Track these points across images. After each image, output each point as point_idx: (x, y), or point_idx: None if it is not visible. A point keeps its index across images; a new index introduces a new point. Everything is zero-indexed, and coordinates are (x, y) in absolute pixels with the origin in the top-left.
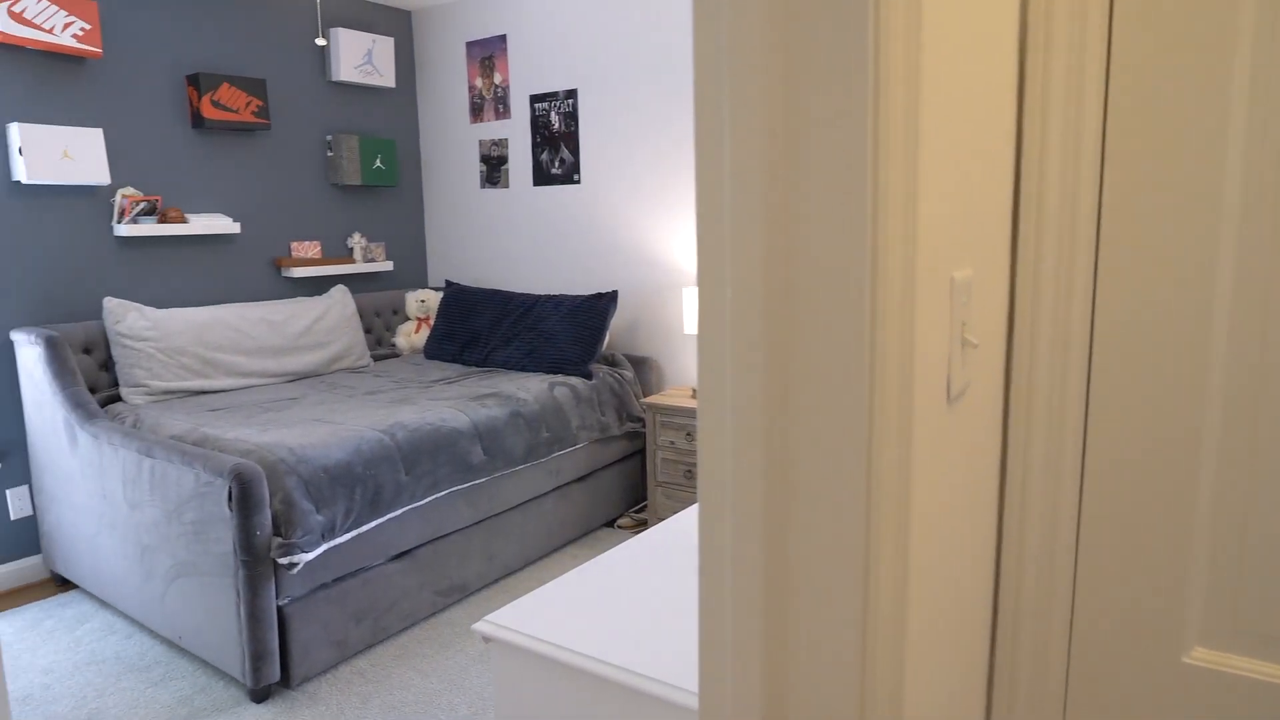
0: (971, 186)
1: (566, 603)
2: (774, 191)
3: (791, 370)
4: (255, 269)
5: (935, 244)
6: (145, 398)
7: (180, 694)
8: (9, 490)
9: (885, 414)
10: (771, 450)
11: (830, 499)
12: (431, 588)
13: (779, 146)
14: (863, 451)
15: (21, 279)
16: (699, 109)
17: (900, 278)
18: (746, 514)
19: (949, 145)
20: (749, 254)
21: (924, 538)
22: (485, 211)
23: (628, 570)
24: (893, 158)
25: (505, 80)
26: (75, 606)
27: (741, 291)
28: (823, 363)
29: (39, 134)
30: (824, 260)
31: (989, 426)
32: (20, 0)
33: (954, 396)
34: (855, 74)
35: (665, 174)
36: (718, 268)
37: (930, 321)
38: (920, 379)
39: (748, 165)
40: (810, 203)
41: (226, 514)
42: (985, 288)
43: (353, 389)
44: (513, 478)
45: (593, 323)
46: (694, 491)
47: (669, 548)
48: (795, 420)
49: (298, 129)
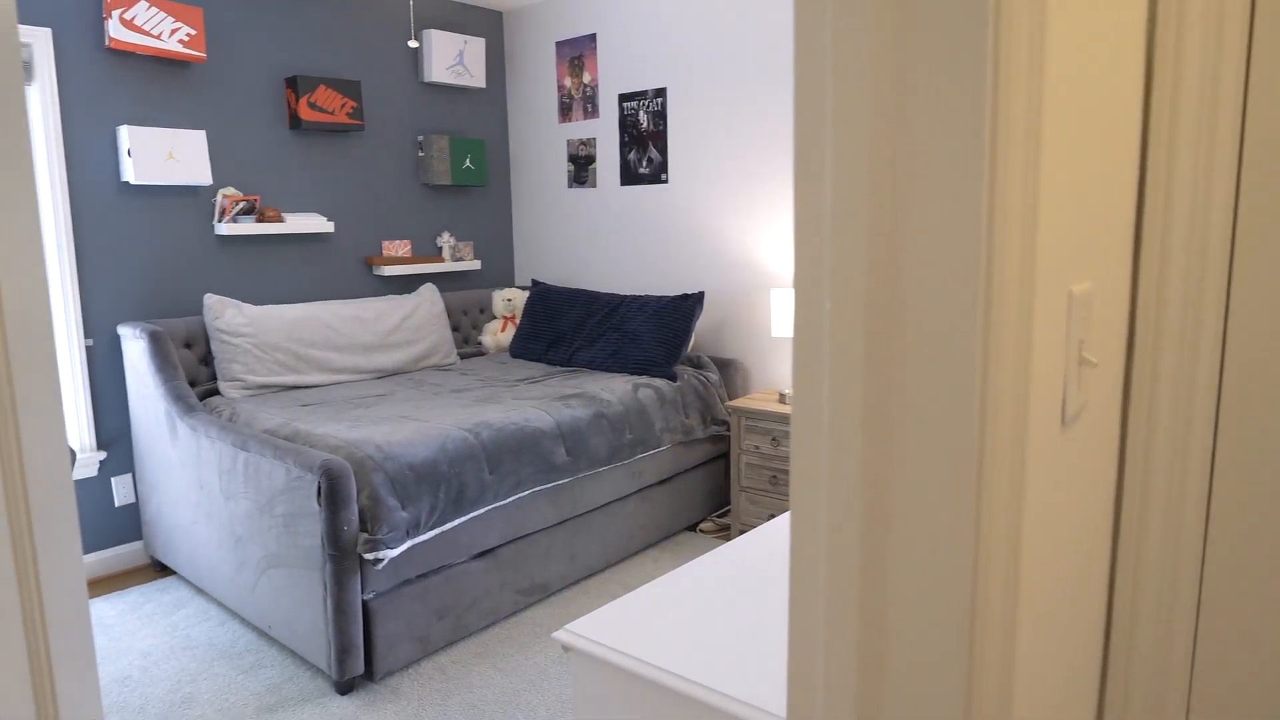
0: (1091, 191)
1: (649, 613)
2: (879, 196)
3: (893, 390)
4: (347, 267)
5: (1053, 254)
6: (241, 392)
7: (269, 682)
8: (114, 478)
9: (997, 439)
10: (869, 476)
11: (933, 533)
12: (513, 587)
13: (885, 148)
14: (971, 481)
15: (129, 275)
16: (799, 107)
17: (1017, 291)
18: (841, 545)
19: (1070, 146)
20: (850, 263)
21: (1034, 575)
22: (572, 211)
23: (713, 580)
24: (1012, 160)
25: (594, 79)
26: (173, 592)
27: (841, 304)
28: (929, 383)
29: (146, 136)
30: (933, 271)
31: (1105, 453)
32: (132, 8)
33: (1069, 420)
34: (972, 67)
35: (755, 173)
36: (816, 278)
37: (1046, 338)
38: (1035, 401)
39: (850, 168)
40: (918, 209)
41: (315, 508)
42: (1104, 302)
43: (439, 386)
44: (595, 479)
45: (678, 324)
46: (779, 497)
47: (757, 558)
48: (896, 445)
49: (390, 130)
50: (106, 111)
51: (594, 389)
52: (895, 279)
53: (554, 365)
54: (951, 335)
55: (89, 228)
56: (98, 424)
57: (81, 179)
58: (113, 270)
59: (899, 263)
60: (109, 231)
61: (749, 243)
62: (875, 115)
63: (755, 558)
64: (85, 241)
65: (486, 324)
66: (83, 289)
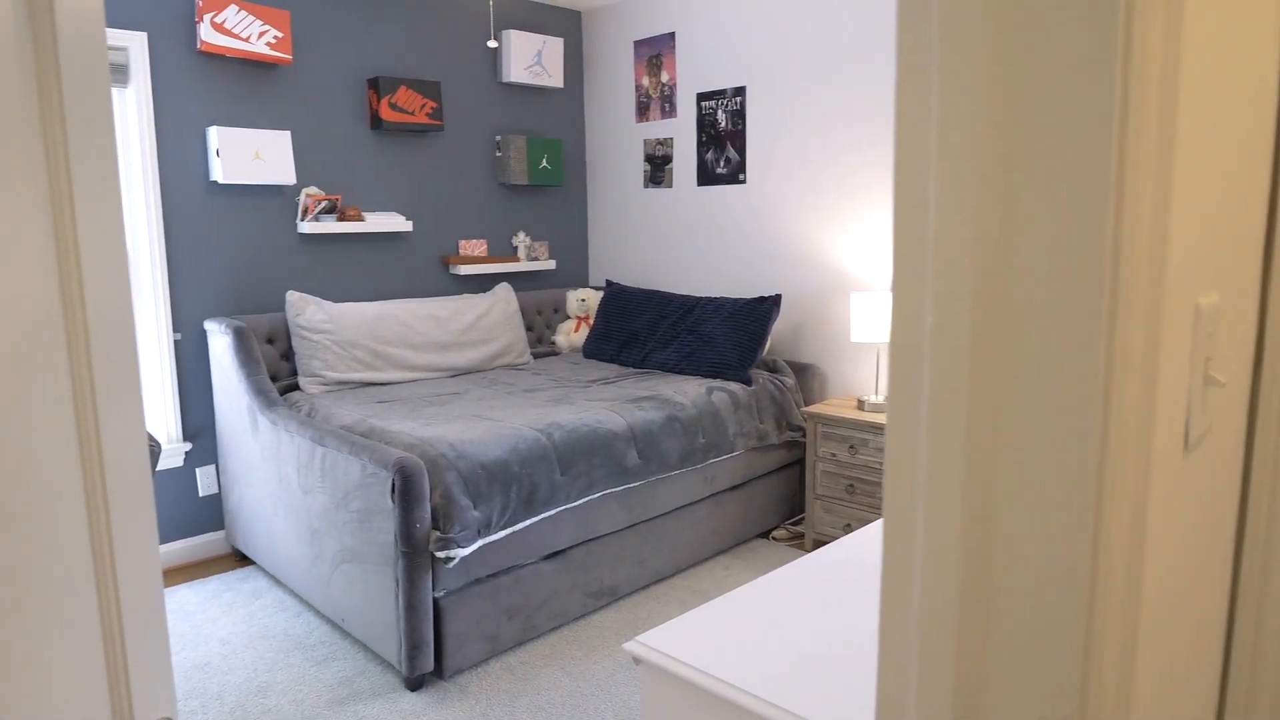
0: (1221, 191)
1: (723, 626)
2: (988, 202)
3: (1003, 415)
4: (425, 266)
5: (1181, 263)
6: (320, 387)
7: (341, 675)
8: (198, 469)
9: (1119, 469)
10: (972, 502)
11: (1045, 569)
12: (582, 589)
13: (996, 149)
14: (1089, 513)
15: (215, 272)
16: (900, 104)
17: (1144, 304)
18: (938, 577)
19: (1201, 144)
20: (956, 274)
21: (1153, 614)
22: (648, 211)
23: (791, 594)
24: (1143, 159)
25: (672, 79)
26: (251, 582)
27: (945, 319)
28: (1043, 406)
29: (234, 136)
30: (1050, 283)
31: (1228, 480)
32: (222, 11)
33: (1192, 444)
34: (1101, 60)
35: (836, 174)
36: (916, 289)
37: (1172, 356)
38: (1160, 425)
39: (957, 172)
40: (1034, 216)
41: (389, 505)
42: (1231, 315)
43: (512, 386)
44: (667, 483)
45: (754, 327)
46: (855, 507)
47: (837, 572)
48: (1004, 472)
49: (468, 130)
50: (196, 113)
51: (667, 391)
52: (1006, 291)
53: (627, 366)
54: (1071, 353)
55: (178, 226)
56: (184, 416)
57: (172, 178)
58: (200, 267)
59: (1010, 274)
60: (197, 229)
61: (828, 245)
62: (986, 113)
63: (836, 572)
64: (175, 239)
65: (560, 324)
66: (172, 285)
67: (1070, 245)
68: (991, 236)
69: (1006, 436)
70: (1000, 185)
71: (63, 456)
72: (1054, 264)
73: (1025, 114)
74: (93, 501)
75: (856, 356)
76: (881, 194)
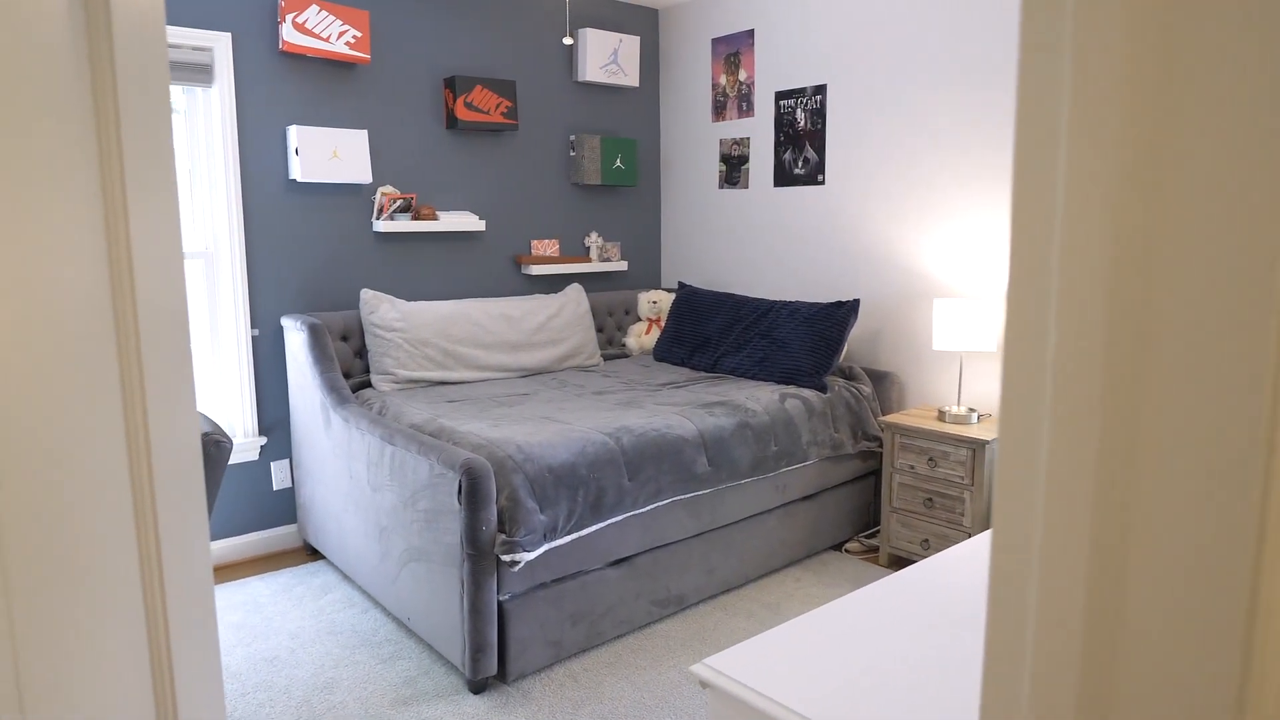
0: None
1: (798, 652)
2: (1131, 194)
3: (1141, 457)
4: (497, 265)
5: None
6: (392, 385)
7: (406, 674)
8: (273, 463)
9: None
10: (1101, 539)
11: (1187, 639)
12: (648, 597)
13: (1143, 130)
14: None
15: (292, 269)
16: (1024, 76)
17: None
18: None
19: None
20: (1087, 282)
21: None
22: (722, 212)
23: (871, 618)
24: None
25: (750, 77)
26: (321, 576)
27: (1073, 341)
28: (1193, 451)
29: (313, 135)
30: (1209, 298)
31: None
32: (304, 12)
33: None
34: None
35: (920, 175)
36: (1036, 299)
37: None
38: None
39: (1094, 158)
40: (1189, 214)
41: (455, 506)
42: None
43: (582, 388)
44: (737, 491)
45: (830, 332)
46: (934, 522)
47: (921, 595)
48: (1140, 530)
49: (542, 129)
50: (277, 112)
51: (739, 397)
52: (1151, 300)
53: (698, 370)
54: (1229, 374)
55: (258, 224)
56: (260, 410)
57: (252, 177)
58: (278, 264)
59: (1159, 288)
60: (276, 227)
61: (911, 249)
62: (1131, 89)
63: (919, 594)
64: (254, 237)
65: (631, 326)
66: (251, 282)
67: (1234, 249)
68: (1134, 239)
69: (1147, 482)
70: (1147, 175)
71: (110, 459)
72: (1213, 274)
73: (1180, 90)
74: (140, 505)
75: (938, 365)
76: (967, 197)
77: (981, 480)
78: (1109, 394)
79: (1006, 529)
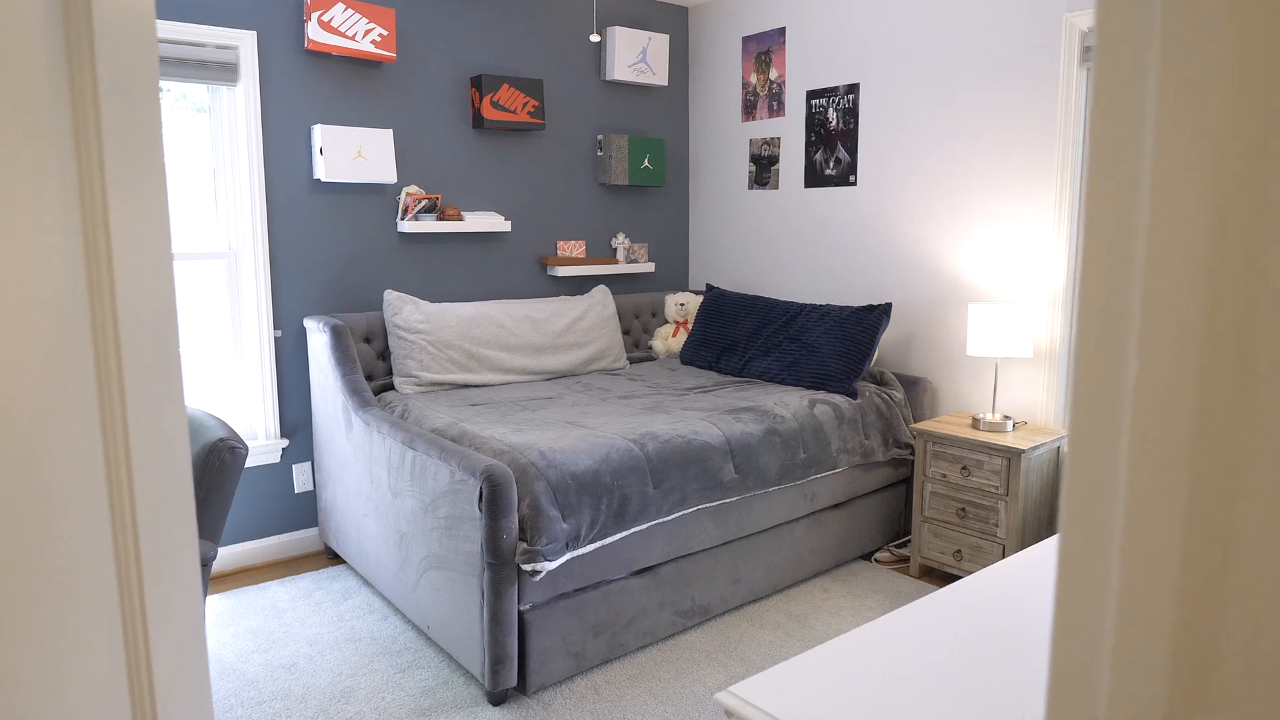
0: None
1: (831, 678)
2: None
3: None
4: (522, 266)
5: None
6: (414, 388)
7: (424, 684)
8: (294, 465)
9: None
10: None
11: None
12: (673, 608)
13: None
14: None
15: (316, 269)
16: (1102, 59)
17: None
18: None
19: None
20: (1177, 300)
21: None
22: (752, 213)
23: (911, 641)
24: None
25: (781, 76)
26: (342, 581)
27: (1156, 370)
28: None
29: (337, 135)
30: None
31: None
32: (329, 10)
33: None
34: None
35: (955, 177)
36: (1113, 319)
37: None
38: None
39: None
40: None
41: (476, 514)
42: None
43: (607, 391)
44: (764, 499)
45: (861, 337)
46: (967, 533)
47: (965, 617)
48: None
49: (569, 129)
50: (302, 111)
51: (767, 403)
52: (1250, 330)
53: (725, 374)
54: None
55: (281, 223)
56: (282, 412)
57: (276, 176)
58: (302, 264)
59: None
60: (299, 227)
61: (945, 252)
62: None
63: (962, 616)
64: (277, 236)
65: (658, 328)
66: (274, 282)
67: None
68: (1235, 252)
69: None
70: (1253, 172)
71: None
72: None
73: None
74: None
75: (972, 371)
76: (1004, 199)
77: (1017, 490)
78: (1200, 436)
79: (1075, 554)
